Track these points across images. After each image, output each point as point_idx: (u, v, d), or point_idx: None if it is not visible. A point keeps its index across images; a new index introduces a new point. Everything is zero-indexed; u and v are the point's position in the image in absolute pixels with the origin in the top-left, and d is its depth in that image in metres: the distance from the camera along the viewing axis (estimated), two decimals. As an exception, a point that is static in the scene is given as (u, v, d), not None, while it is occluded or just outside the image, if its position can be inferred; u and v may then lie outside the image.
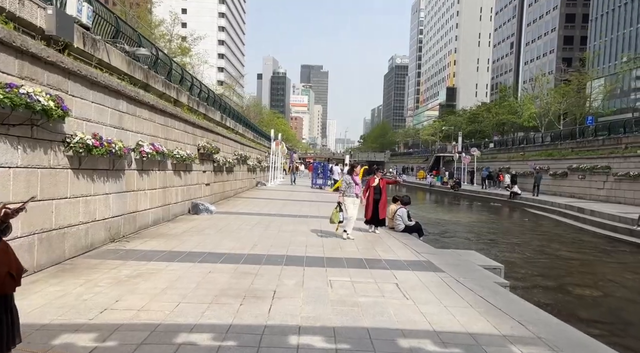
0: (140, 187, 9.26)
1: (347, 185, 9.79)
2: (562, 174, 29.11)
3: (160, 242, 8.16)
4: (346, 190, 9.74)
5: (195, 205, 12.58)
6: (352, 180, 9.80)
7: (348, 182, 9.81)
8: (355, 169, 10.02)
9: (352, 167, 10.16)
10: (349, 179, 9.84)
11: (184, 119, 12.39)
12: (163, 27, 33.81)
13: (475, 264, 7.65)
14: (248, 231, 9.90)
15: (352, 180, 9.78)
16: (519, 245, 14.44)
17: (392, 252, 8.13)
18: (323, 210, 15.37)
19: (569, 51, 71.46)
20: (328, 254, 7.71)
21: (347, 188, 9.75)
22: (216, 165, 15.76)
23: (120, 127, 8.26)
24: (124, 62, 9.53)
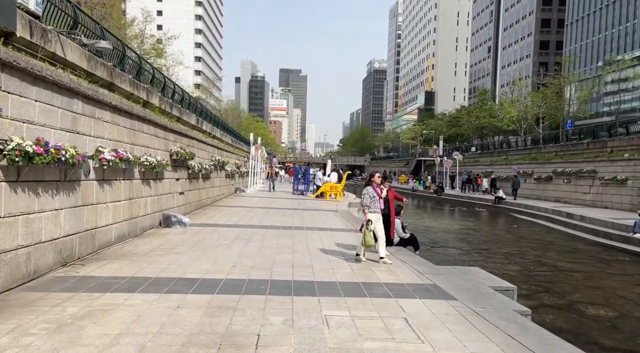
0: (101, 200, 8.06)
1: (370, 198, 8.14)
2: (546, 178, 28.78)
3: (122, 264, 6.99)
4: (370, 205, 8.13)
5: (167, 218, 11.38)
6: (374, 191, 8.20)
7: (371, 195, 8.16)
8: (374, 178, 8.44)
9: (371, 176, 8.55)
10: (372, 192, 8.21)
11: (154, 122, 11.20)
12: (135, 26, 32.24)
13: (486, 286, 6.74)
14: (226, 248, 8.79)
15: (375, 193, 8.19)
16: (515, 255, 13.68)
17: (392, 273, 7.15)
18: (308, 219, 14.35)
19: (545, 56, 72.42)
20: (319, 277, 6.68)
21: (372, 202, 8.14)
22: (191, 172, 14.56)
23: (75, 131, 7.08)
24: (83, 58, 8.33)
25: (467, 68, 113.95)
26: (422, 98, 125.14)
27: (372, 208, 8.11)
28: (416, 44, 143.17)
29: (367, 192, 8.24)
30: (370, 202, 8.15)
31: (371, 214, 8.04)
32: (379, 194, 8.25)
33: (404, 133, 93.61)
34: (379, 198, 8.21)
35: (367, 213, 8.06)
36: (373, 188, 8.28)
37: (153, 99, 12.71)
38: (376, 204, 8.16)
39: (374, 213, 8.09)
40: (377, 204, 8.18)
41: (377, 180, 8.39)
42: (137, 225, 9.90)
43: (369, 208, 8.13)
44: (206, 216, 14.12)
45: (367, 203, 8.17)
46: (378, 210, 8.16)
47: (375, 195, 8.18)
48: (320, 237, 10.74)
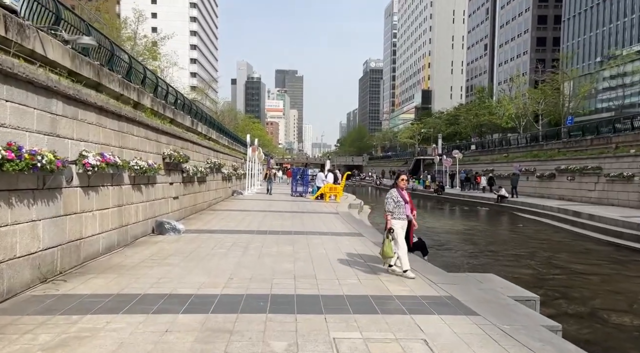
0: (86, 208, 7.46)
1: (395, 203, 7.14)
2: (549, 176, 28.27)
3: (108, 279, 6.39)
4: (395, 210, 7.16)
5: (160, 224, 10.78)
6: (399, 195, 7.22)
7: (396, 199, 7.16)
8: (399, 180, 7.39)
9: (397, 177, 7.49)
10: (397, 195, 7.20)
11: (145, 124, 10.59)
12: (128, 27, 31.56)
13: (505, 296, 6.17)
14: (222, 257, 8.19)
15: (401, 196, 7.23)
16: (525, 257, 13.13)
17: (403, 284, 6.57)
18: (308, 223, 13.77)
19: (542, 52, 72.06)
20: (324, 290, 6.09)
21: (397, 207, 7.15)
22: (185, 175, 13.96)
23: (54, 134, 6.48)
24: (66, 56, 7.72)
25: (463, 66, 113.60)
26: (419, 97, 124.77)
27: (396, 215, 7.15)
28: (412, 43, 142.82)
29: (391, 195, 7.24)
30: (395, 207, 7.15)
31: (396, 221, 7.11)
32: (405, 198, 7.26)
33: (402, 132, 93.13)
34: (404, 203, 7.23)
35: (391, 219, 7.11)
36: (398, 192, 7.29)
37: (144, 100, 12.10)
38: (402, 210, 7.17)
39: (399, 221, 7.14)
40: (403, 210, 7.19)
41: (403, 183, 7.39)
42: (127, 233, 9.29)
43: (392, 214, 7.15)
44: (202, 221, 13.52)
45: (390, 209, 7.17)
46: (404, 217, 7.19)
47: (400, 200, 7.20)
48: (322, 242, 10.16)
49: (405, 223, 7.22)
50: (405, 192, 7.41)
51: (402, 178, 7.44)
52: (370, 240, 10.74)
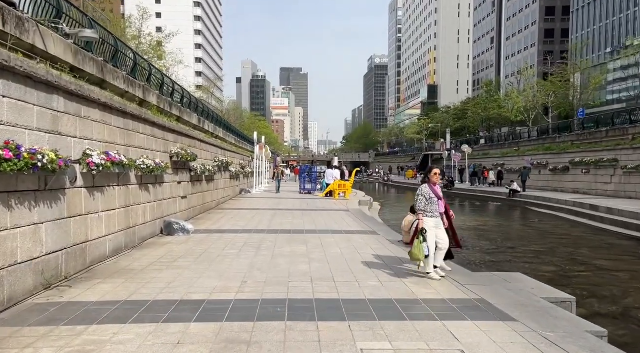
0: (92, 210, 7.13)
1: (427, 200, 6.58)
2: (563, 169, 27.67)
3: (116, 284, 6.05)
4: (427, 208, 6.61)
5: (169, 225, 10.45)
6: (432, 191, 6.67)
7: (428, 196, 6.60)
8: (431, 174, 6.83)
9: (429, 171, 6.92)
10: (428, 191, 6.63)
11: (151, 122, 10.26)
12: (133, 26, 31.25)
13: (539, 297, 5.76)
14: (234, 259, 7.84)
15: (433, 193, 6.68)
16: (545, 253, 12.67)
17: (428, 285, 6.17)
18: (319, 221, 13.39)
19: (550, 44, 71.06)
20: (344, 293, 5.71)
21: (429, 205, 6.60)
22: (193, 174, 13.62)
23: (56, 132, 6.14)
24: (68, 51, 7.38)
25: (469, 60, 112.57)
26: (425, 92, 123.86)
27: (429, 213, 6.59)
28: (417, 38, 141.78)
29: (422, 192, 6.65)
30: (427, 205, 6.58)
31: (428, 219, 6.54)
32: (437, 195, 6.69)
33: (409, 128, 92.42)
34: (437, 199, 6.66)
35: (422, 218, 6.53)
36: (430, 188, 6.70)
37: (150, 98, 11.75)
38: (434, 207, 6.61)
39: (432, 219, 6.58)
40: (436, 207, 6.62)
41: (436, 178, 6.81)
42: (135, 235, 8.97)
43: (424, 213, 6.58)
44: (211, 221, 13.18)
45: (422, 207, 6.59)
46: (437, 214, 6.66)
47: (432, 196, 6.63)
48: (336, 241, 9.78)
49: (439, 221, 6.69)
50: (438, 187, 6.88)
51: (435, 172, 6.85)
52: (386, 239, 10.34)
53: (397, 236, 10.85)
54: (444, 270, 6.83)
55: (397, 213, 24.09)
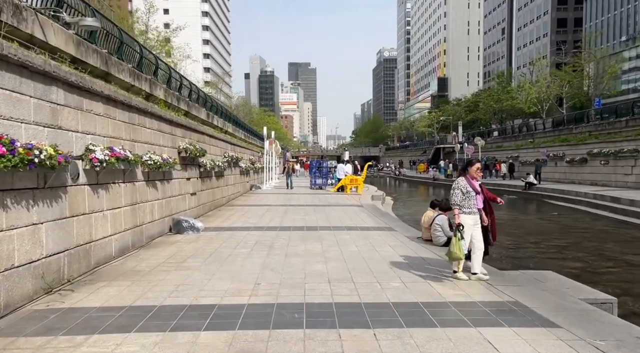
0: (96, 208, 6.77)
1: (463, 194, 6.08)
2: (580, 160, 26.92)
3: (121, 287, 5.68)
4: (463, 203, 6.09)
5: (178, 222, 10.09)
6: (469, 185, 6.15)
7: (465, 189, 6.09)
8: (471, 167, 6.29)
9: (468, 164, 6.38)
10: (465, 185, 6.13)
11: (158, 115, 9.89)
12: (140, 21, 30.94)
13: (577, 299, 5.28)
14: (246, 258, 7.44)
15: (471, 186, 6.16)
16: (569, 248, 12.13)
17: (455, 287, 5.72)
18: (333, 217, 12.97)
19: (562, 34, 69.68)
20: (366, 296, 5.28)
21: (466, 199, 6.08)
22: (203, 170, 13.27)
23: (56, 126, 5.77)
24: (70, 42, 7.01)
25: (480, 52, 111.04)
26: (434, 85, 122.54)
27: (466, 208, 6.07)
28: (426, 30, 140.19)
29: (459, 185, 6.14)
30: (464, 199, 6.07)
31: (465, 216, 6.03)
32: (475, 189, 6.12)
33: (419, 121, 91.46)
34: (475, 194, 6.10)
35: (459, 214, 6.06)
36: (467, 181, 6.16)
37: (157, 91, 11.38)
38: (472, 202, 6.06)
39: (470, 215, 6.06)
40: (474, 202, 6.08)
41: (478, 174, 6.26)
42: (142, 233, 8.62)
43: (461, 208, 6.08)
44: (221, 218, 12.83)
45: (458, 202, 6.08)
46: (475, 211, 6.11)
47: (470, 190, 6.08)
48: (352, 238, 9.35)
49: (477, 219, 6.14)
50: (477, 181, 6.30)
51: (478, 167, 6.28)
52: (404, 235, 9.89)
53: (415, 232, 10.39)
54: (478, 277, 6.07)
55: (410, 208, 23.60)
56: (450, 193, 6.26)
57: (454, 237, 5.91)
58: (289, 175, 26.30)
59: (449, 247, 5.92)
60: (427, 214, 8.97)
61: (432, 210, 8.96)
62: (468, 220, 6.03)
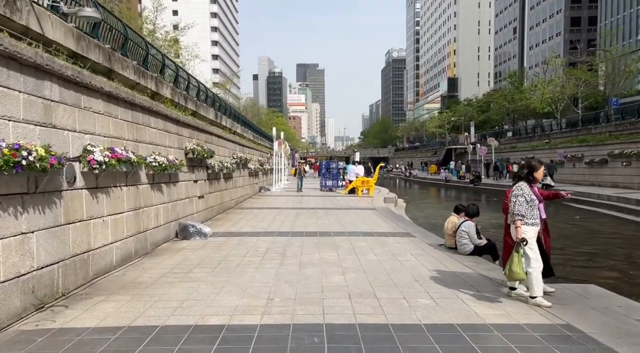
0: (95, 214, 6.24)
1: (528, 203, 5.19)
2: (600, 162, 26.03)
3: (120, 302, 5.13)
4: (527, 213, 5.19)
5: (184, 228, 9.56)
6: (532, 193, 5.27)
7: (529, 197, 5.20)
8: (536, 171, 5.42)
9: (532, 168, 5.44)
10: (529, 192, 5.25)
11: (164, 114, 9.37)
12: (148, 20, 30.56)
13: (634, 320, 4.64)
14: (257, 268, 6.87)
15: (533, 194, 5.27)
16: (600, 255, 11.42)
17: (494, 305, 5.08)
18: (346, 221, 12.37)
19: (576, 33, 68.40)
20: (393, 315, 4.68)
21: (530, 209, 5.20)
22: (211, 172, 12.75)
23: (49, 125, 5.24)
24: (69, 36, 6.49)
25: (490, 52, 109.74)
26: (444, 85, 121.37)
27: (528, 219, 5.19)
28: (436, 30, 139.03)
29: (522, 192, 5.23)
30: (528, 209, 5.18)
31: (528, 228, 5.15)
32: (538, 196, 5.31)
33: (430, 121, 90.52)
34: (538, 202, 5.28)
35: (522, 226, 5.13)
36: (530, 187, 5.31)
37: (163, 90, 10.87)
38: (535, 212, 5.21)
39: (532, 227, 5.19)
40: (536, 212, 5.24)
41: (540, 175, 5.43)
42: (146, 240, 8.09)
43: (523, 218, 5.16)
44: (230, 222, 12.28)
45: (521, 211, 5.15)
46: (538, 221, 5.26)
47: (534, 198, 5.22)
48: (369, 246, 8.74)
49: (537, 230, 5.32)
50: (537, 187, 5.53)
51: (541, 169, 5.44)
52: (425, 242, 9.26)
53: (435, 239, 9.76)
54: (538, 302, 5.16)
55: (424, 210, 22.92)
56: (511, 202, 5.32)
57: (515, 253, 5.08)
58: (301, 177, 25.55)
59: (509, 265, 5.09)
60: (451, 220, 8.34)
61: (457, 215, 8.32)
62: (530, 232, 5.18)
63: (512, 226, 5.31)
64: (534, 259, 5.15)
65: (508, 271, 5.12)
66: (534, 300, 5.09)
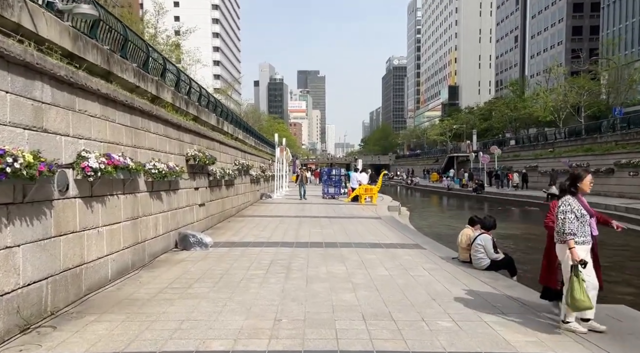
0: (89, 224, 5.82)
1: (578, 218, 4.57)
2: (606, 171, 25.66)
3: (113, 323, 4.70)
4: (578, 230, 4.56)
5: (185, 238, 9.13)
6: (582, 206, 4.65)
7: (579, 213, 4.58)
8: (582, 181, 4.73)
9: (576, 177, 4.76)
10: (578, 206, 4.63)
11: (164, 119, 8.98)
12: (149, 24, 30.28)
13: (678, 348, 4.20)
14: (261, 283, 6.44)
15: (583, 207, 4.65)
16: (611, 268, 10.97)
17: (524, 331, 4.65)
18: (352, 231, 11.95)
19: (578, 42, 68.43)
20: (413, 342, 4.25)
21: (581, 225, 4.58)
22: (212, 179, 12.34)
23: (39, 129, 4.84)
24: (65, 35, 6.10)
25: (491, 60, 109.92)
26: (445, 93, 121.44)
27: (579, 237, 4.54)
28: (437, 38, 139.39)
29: (572, 207, 4.59)
30: (579, 225, 4.56)
31: (578, 247, 4.48)
32: (589, 210, 4.69)
33: (431, 129, 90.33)
34: (589, 217, 4.66)
35: (573, 245, 4.46)
36: (579, 200, 4.69)
37: (164, 94, 10.48)
38: (586, 228, 4.59)
39: (584, 246, 4.55)
40: (587, 228, 4.61)
41: (586, 186, 4.75)
42: (144, 251, 7.66)
43: (574, 237, 4.50)
44: (232, 231, 11.86)
45: (572, 229, 4.51)
46: (590, 240, 4.64)
47: (584, 213, 4.61)
48: (379, 259, 8.31)
49: (589, 249, 4.66)
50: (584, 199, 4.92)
51: (590, 179, 4.75)
52: (436, 255, 8.84)
53: (446, 251, 9.34)
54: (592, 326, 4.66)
55: (427, 219, 22.52)
56: (558, 218, 4.64)
57: (575, 280, 4.35)
58: (302, 184, 24.77)
59: (571, 293, 4.36)
60: (466, 232, 7.92)
61: (471, 227, 7.91)
62: (581, 252, 4.50)
63: (559, 245, 4.68)
64: (591, 284, 4.52)
65: (571, 300, 4.36)
66: (567, 325, 4.64)
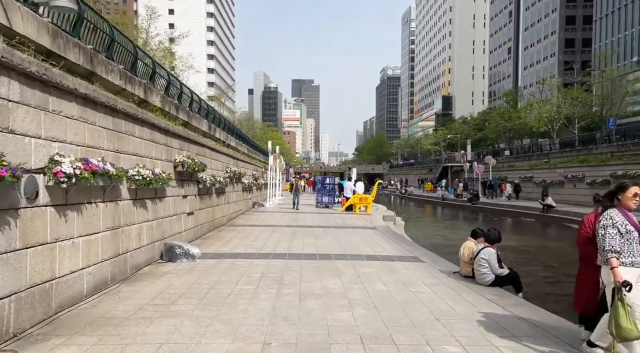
0: (62, 235, 5.33)
1: (622, 236, 3.98)
2: (602, 182, 25.47)
3: (83, 347, 4.19)
4: (623, 248, 3.96)
5: (170, 249, 8.62)
6: (628, 221, 4.03)
7: (624, 228, 3.99)
8: (625, 192, 4.13)
9: (619, 188, 4.22)
10: (623, 220, 4.03)
11: (151, 123, 8.51)
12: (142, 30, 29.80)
13: None
14: (250, 300, 5.95)
15: (629, 222, 4.03)
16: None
17: (535, 352, 4.22)
18: (346, 242, 11.50)
19: (570, 54, 68.95)
20: (419, 371, 3.79)
21: (627, 243, 3.97)
22: (202, 186, 11.86)
23: (5, 129, 4.37)
24: (43, 31, 5.67)
25: (485, 71, 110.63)
26: (439, 103, 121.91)
27: (625, 257, 3.94)
28: (431, 49, 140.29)
29: (614, 221, 4.02)
30: (623, 243, 3.97)
31: (626, 270, 3.88)
32: (637, 226, 4.01)
33: (425, 139, 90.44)
34: (639, 234, 3.99)
35: (616, 264, 3.88)
36: (624, 214, 4.07)
37: (153, 98, 10.02)
38: (634, 247, 3.94)
39: (633, 268, 3.92)
40: (636, 247, 3.95)
41: (632, 201, 4.11)
42: (126, 263, 7.15)
43: (617, 255, 3.93)
44: (221, 241, 11.35)
45: (614, 247, 3.94)
46: (638, 260, 3.96)
47: (631, 230, 3.97)
48: (375, 272, 7.85)
49: (638, 272, 3.95)
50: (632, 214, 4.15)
51: (636, 192, 4.10)
52: (436, 268, 8.40)
53: (445, 264, 8.91)
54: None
55: (422, 230, 22.11)
56: (599, 235, 4.07)
57: (619, 305, 3.76)
58: (297, 193, 23.62)
59: (615, 320, 3.76)
60: (468, 245, 7.50)
61: (474, 240, 7.49)
62: (630, 275, 3.86)
63: (603, 267, 4.09)
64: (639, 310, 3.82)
65: (616, 329, 3.76)
66: (593, 350, 4.20)
